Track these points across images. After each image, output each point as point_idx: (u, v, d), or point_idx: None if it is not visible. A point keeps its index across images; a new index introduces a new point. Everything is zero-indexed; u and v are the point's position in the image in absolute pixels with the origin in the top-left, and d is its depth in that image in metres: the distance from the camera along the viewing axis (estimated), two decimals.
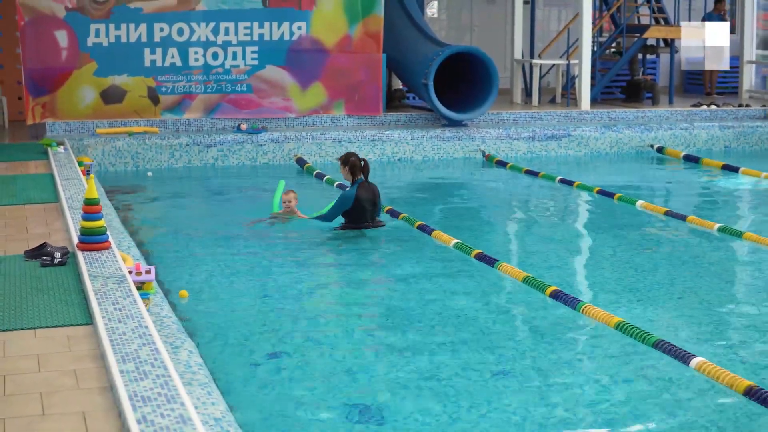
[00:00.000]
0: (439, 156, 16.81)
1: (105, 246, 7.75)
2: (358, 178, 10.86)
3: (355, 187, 10.79)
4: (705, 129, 18.34)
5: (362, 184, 10.83)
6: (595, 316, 7.80)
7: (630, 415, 6.09)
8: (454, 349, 7.24)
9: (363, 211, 10.83)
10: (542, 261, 10.08)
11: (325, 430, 5.84)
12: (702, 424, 5.97)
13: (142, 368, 5.11)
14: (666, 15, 21.78)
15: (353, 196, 10.74)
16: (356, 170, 10.88)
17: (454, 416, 6.04)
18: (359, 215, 10.84)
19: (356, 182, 10.85)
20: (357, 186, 10.80)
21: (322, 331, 7.69)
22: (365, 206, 10.80)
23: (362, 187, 10.81)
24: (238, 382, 6.54)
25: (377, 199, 10.96)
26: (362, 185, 10.82)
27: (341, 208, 10.82)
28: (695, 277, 9.45)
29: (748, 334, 7.85)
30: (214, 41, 16.59)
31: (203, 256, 9.99)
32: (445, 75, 17.23)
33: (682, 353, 6.87)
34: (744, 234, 10.75)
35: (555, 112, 18.58)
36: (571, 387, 6.56)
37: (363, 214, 10.85)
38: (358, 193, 10.75)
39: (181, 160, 15.67)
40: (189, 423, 4.42)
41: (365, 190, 10.82)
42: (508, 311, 8.39)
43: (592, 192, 13.49)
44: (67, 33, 15.95)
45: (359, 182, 10.83)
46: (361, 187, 10.79)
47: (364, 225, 10.89)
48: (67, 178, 11.34)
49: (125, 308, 6.22)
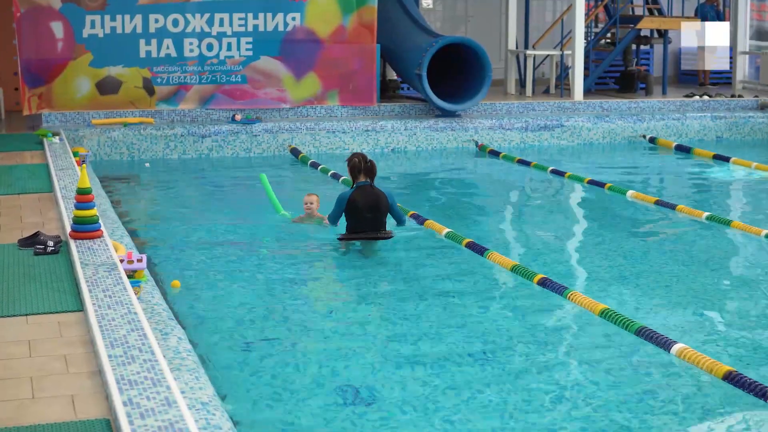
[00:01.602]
0: (433, 146, 16.91)
1: (97, 235, 7.85)
2: (359, 180, 10.07)
3: (352, 190, 10.07)
4: (697, 119, 18.44)
5: (363, 187, 10.03)
6: (581, 303, 7.91)
7: (613, 399, 6.20)
8: (439, 335, 7.36)
9: (360, 218, 9.98)
10: (532, 249, 10.19)
11: (315, 413, 5.96)
12: (683, 408, 6.08)
13: (129, 353, 5.22)
14: (659, 6, 21.86)
15: (346, 198, 10.01)
16: (355, 172, 10.12)
17: (436, 402, 6.16)
18: (357, 222, 10.01)
19: (356, 184, 10.08)
20: (355, 188, 10.05)
21: (312, 319, 7.81)
22: (362, 211, 9.96)
23: (361, 190, 10.01)
24: (228, 369, 6.65)
25: (380, 206, 10.04)
26: (362, 188, 10.02)
27: (337, 210, 10.11)
28: (683, 265, 9.56)
29: (733, 321, 7.97)
30: (209, 32, 16.68)
31: (196, 245, 10.09)
32: (439, 66, 17.32)
33: (663, 340, 6.98)
34: (732, 222, 10.87)
35: (548, 102, 18.68)
36: (555, 371, 6.68)
37: (361, 221, 9.99)
38: (353, 196, 9.98)
39: (176, 150, 15.76)
40: (174, 405, 4.53)
41: (364, 194, 9.99)
42: (494, 298, 8.50)
43: (583, 182, 13.58)
44: (62, 24, 16.05)
45: (360, 184, 10.04)
46: (359, 190, 10.02)
47: (365, 234, 9.99)
48: (61, 168, 11.43)
49: (115, 295, 6.33)
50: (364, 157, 10.17)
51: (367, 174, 10.08)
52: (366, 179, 10.08)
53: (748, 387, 6.18)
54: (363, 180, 10.07)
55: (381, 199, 10.03)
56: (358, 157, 10.16)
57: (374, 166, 10.16)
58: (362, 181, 10.07)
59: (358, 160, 10.12)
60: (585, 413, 5.98)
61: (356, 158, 10.15)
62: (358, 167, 10.09)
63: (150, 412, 4.45)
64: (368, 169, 10.09)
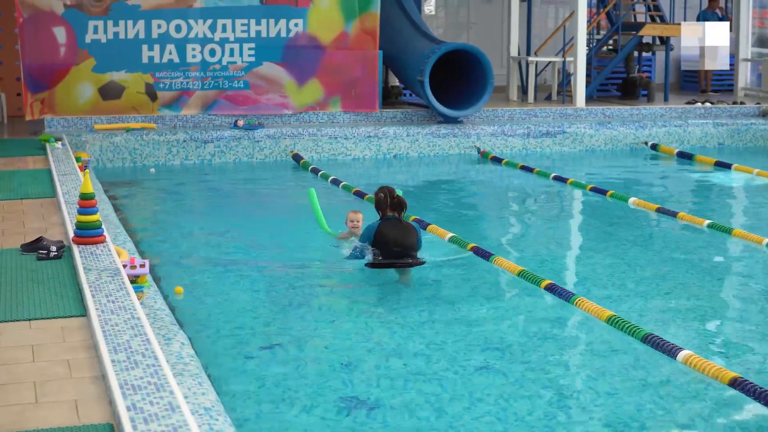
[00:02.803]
0: (435, 152, 16.91)
1: (100, 240, 7.85)
2: (387, 215, 9.23)
3: (379, 222, 9.25)
4: (699, 126, 18.44)
5: (391, 220, 9.20)
6: (587, 310, 7.90)
7: (616, 406, 6.19)
8: (444, 344, 7.35)
9: (389, 251, 9.15)
10: (535, 255, 10.19)
11: (317, 422, 5.95)
12: (690, 416, 6.07)
13: (133, 358, 5.21)
14: (662, 13, 21.88)
15: (374, 230, 9.21)
16: (382, 206, 9.28)
17: (440, 410, 6.15)
18: (385, 255, 9.18)
19: (384, 218, 9.26)
20: (384, 220, 9.23)
21: (315, 325, 7.80)
22: (390, 246, 9.12)
23: (389, 223, 9.19)
24: (230, 375, 6.65)
25: (409, 241, 9.18)
26: (390, 221, 9.20)
27: (363, 243, 9.31)
28: (685, 273, 9.56)
29: (735, 328, 7.98)
30: (212, 38, 16.69)
31: (199, 251, 10.09)
32: (441, 72, 17.32)
33: (669, 346, 6.97)
34: (733, 231, 10.86)
35: (550, 109, 18.68)
36: (560, 380, 6.68)
37: (389, 255, 9.16)
38: (381, 229, 9.16)
39: (178, 156, 15.76)
40: (177, 410, 4.52)
41: (393, 228, 9.18)
42: (499, 305, 8.49)
43: (586, 189, 13.57)
44: (65, 29, 16.06)
45: (388, 217, 9.21)
46: (387, 222, 9.19)
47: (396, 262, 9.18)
48: (64, 173, 11.43)
49: (118, 300, 6.32)
50: (391, 192, 9.30)
51: (394, 209, 9.22)
52: (393, 214, 9.23)
53: (754, 393, 6.17)
54: (390, 214, 9.23)
55: (410, 234, 9.21)
56: (384, 191, 9.30)
57: (402, 201, 9.27)
58: (391, 215, 9.23)
59: (384, 195, 9.26)
60: (589, 419, 5.98)
61: (382, 193, 9.30)
62: (384, 203, 9.25)
63: (153, 417, 4.44)
64: (395, 205, 9.22)
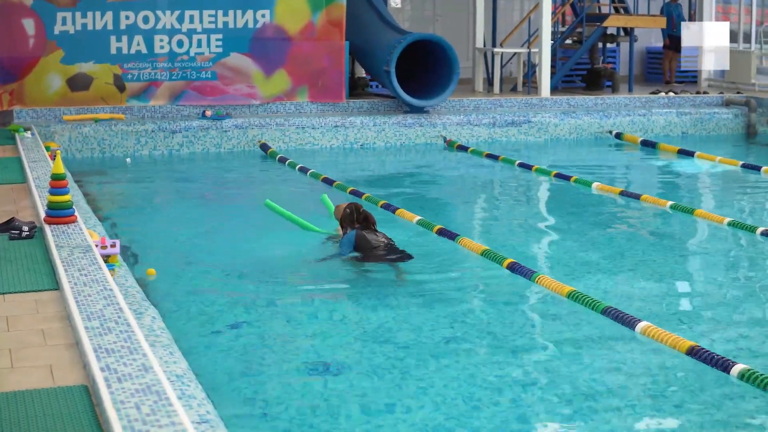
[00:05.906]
0: (401, 142, 17.05)
1: (71, 219, 7.95)
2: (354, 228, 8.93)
3: (353, 233, 8.87)
4: (663, 115, 18.67)
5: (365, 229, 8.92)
6: (548, 287, 8.08)
7: (579, 374, 6.37)
8: (408, 315, 7.52)
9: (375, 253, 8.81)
10: (500, 237, 10.36)
11: (287, 386, 6.12)
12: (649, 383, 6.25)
13: (106, 325, 5.34)
14: (625, 4, 22.12)
15: (353, 237, 8.83)
16: (347, 222, 9.03)
17: (405, 374, 6.32)
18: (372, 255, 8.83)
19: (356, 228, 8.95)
20: (357, 230, 8.89)
21: (283, 301, 7.94)
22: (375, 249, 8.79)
23: (365, 230, 8.89)
24: (199, 347, 6.79)
25: (391, 242, 8.92)
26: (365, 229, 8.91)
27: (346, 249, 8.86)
28: (647, 251, 9.76)
29: (695, 302, 8.22)
30: (179, 29, 16.77)
31: (168, 237, 10.20)
32: (408, 63, 17.46)
33: (628, 318, 7.16)
34: (695, 211, 11.07)
35: (515, 99, 18.86)
36: (524, 352, 6.86)
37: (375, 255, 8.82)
38: (361, 235, 8.82)
39: (147, 146, 15.84)
40: (151, 371, 4.65)
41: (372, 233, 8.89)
42: (464, 282, 8.65)
43: (550, 176, 13.75)
44: (34, 21, 16.09)
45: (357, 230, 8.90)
46: (363, 231, 8.87)
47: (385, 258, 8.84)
48: (34, 160, 11.50)
49: (91, 274, 6.44)
50: (357, 208, 9.08)
51: (362, 224, 8.97)
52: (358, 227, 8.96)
53: (711, 361, 6.36)
54: (356, 228, 8.95)
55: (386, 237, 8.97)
56: (351, 207, 9.09)
57: (370, 217, 9.03)
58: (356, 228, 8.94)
59: (350, 210, 9.05)
60: (555, 394, 6.14)
61: (348, 209, 9.08)
62: (350, 218, 9.02)
63: (127, 377, 4.56)
64: (362, 221, 8.98)
